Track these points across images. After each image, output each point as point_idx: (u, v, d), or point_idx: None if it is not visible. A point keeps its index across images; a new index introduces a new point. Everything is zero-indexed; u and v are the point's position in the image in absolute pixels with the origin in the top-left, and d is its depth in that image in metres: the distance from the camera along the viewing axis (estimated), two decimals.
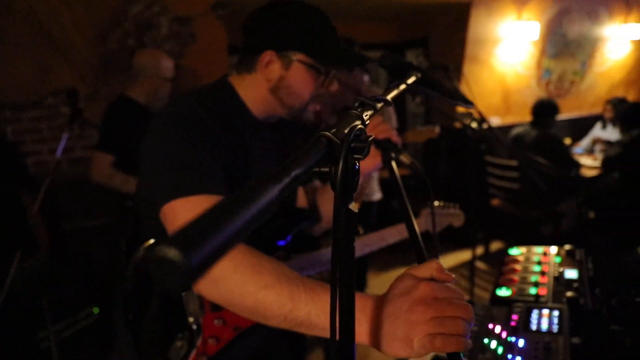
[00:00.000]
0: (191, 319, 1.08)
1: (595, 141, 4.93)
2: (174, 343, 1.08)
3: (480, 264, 4.13)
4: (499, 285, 1.43)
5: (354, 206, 0.48)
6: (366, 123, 0.51)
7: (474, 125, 2.32)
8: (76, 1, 2.88)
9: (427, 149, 4.92)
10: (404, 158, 1.00)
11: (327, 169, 0.46)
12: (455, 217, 1.70)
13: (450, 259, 4.26)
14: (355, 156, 0.45)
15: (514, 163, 3.93)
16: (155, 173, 0.98)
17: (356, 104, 0.59)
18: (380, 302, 0.69)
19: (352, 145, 0.44)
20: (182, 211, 0.91)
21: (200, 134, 1.00)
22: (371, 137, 0.47)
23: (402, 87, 0.86)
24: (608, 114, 4.92)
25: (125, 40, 3.04)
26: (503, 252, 1.67)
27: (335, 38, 1.12)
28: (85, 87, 2.96)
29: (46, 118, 2.96)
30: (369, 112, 0.57)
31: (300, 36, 1.08)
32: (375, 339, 0.67)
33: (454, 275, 0.66)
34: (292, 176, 0.36)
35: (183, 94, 1.11)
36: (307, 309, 0.74)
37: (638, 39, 5.78)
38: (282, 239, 1.24)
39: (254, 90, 1.15)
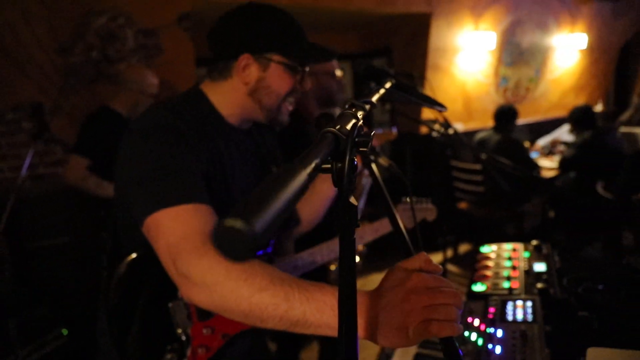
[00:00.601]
0: (179, 330, 1.08)
1: (554, 142, 5.16)
2: (163, 355, 1.07)
3: (450, 267, 4.24)
4: (474, 282, 1.49)
5: (353, 200, 0.51)
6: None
7: (440, 130, 2.40)
8: (35, 14, 2.82)
9: (394, 154, 5.03)
10: (383, 161, 1.04)
11: (328, 166, 0.49)
12: (428, 211, 1.76)
13: None
14: (360, 149, 0.48)
15: (478, 167, 4.07)
16: (134, 186, 0.96)
17: (347, 106, 0.63)
18: (374, 296, 0.71)
19: (356, 139, 0.48)
20: (166, 222, 0.90)
21: (177, 143, 1.00)
22: (373, 133, 0.51)
23: (382, 91, 0.91)
24: None
25: (88, 53, 2.99)
26: (472, 254, 1.74)
27: (303, 36, 1.16)
28: (47, 102, 2.88)
29: (6, 134, 2.86)
30: (361, 112, 0.61)
31: (274, 37, 1.11)
32: (372, 332, 0.70)
33: (441, 266, 0.70)
34: (314, 164, 0.39)
35: (156, 105, 1.11)
36: (302, 309, 0.76)
37: (584, 48, 6.13)
38: (266, 246, 1.25)
39: (231, 96, 1.16)
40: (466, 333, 1.18)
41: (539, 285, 1.35)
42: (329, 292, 0.77)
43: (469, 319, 1.24)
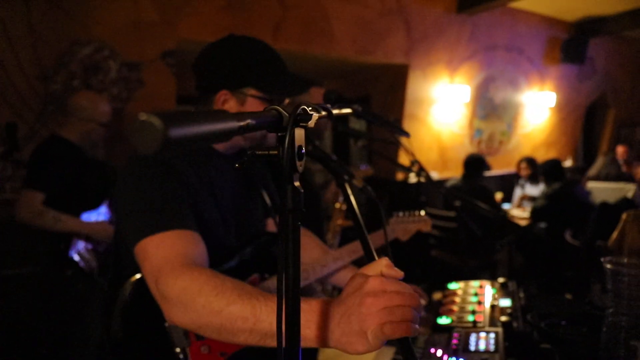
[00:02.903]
0: (177, 349, 1.07)
1: (523, 198, 5.30)
2: None
3: (423, 314, 4.19)
4: (439, 315, 1.48)
5: (298, 185, 0.52)
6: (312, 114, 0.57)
7: (417, 173, 2.45)
8: (21, 39, 2.85)
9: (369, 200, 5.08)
10: (357, 182, 1.06)
11: (275, 152, 0.51)
12: (422, 222, 1.78)
13: None
14: (301, 124, 0.51)
15: (451, 214, 4.13)
16: (126, 216, 1.04)
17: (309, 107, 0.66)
18: (335, 304, 0.71)
19: (298, 117, 0.51)
20: (151, 248, 0.96)
21: (162, 174, 1.06)
22: (325, 112, 0.54)
23: (345, 110, 0.94)
24: (524, 172, 5.31)
25: (70, 82, 3.01)
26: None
27: (282, 67, 1.18)
28: (23, 127, 2.86)
29: None
30: (315, 114, 0.64)
31: (250, 72, 1.14)
32: (332, 339, 0.69)
33: (402, 272, 0.71)
34: (247, 121, 0.41)
35: None
36: (269, 320, 0.77)
37: (553, 106, 6.45)
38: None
39: None
40: None
41: (503, 318, 1.35)
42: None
43: (432, 350, 1.23)
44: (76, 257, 2.23)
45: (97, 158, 2.59)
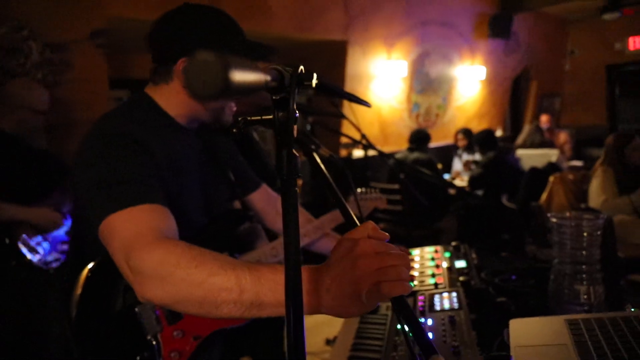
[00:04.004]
0: (149, 336, 1.03)
1: (466, 163, 5.55)
2: None
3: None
4: None
5: (294, 149, 0.52)
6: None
7: (360, 151, 2.49)
8: None
9: (315, 177, 5.12)
10: (323, 151, 1.07)
11: (270, 116, 0.50)
12: (378, 200, 1.83)
13: None
14: (305, 83, 0.50)
15: (396, 186, 4.26)
16: (89, 192, 0.98)
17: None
18: (323, 270, 0.71)
19: (301, 76, 0.50)
20: (120, 224, 0.91)
21: (129, 148, 1.02)
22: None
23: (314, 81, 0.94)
24: (461, 143, 5.58)
25: None
26: None
27: (240, 34, 1.16)
28: None
29: None
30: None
31: (208, 39, 1.11)
32: (324, 305, 0.70)
33: (387, 234, 0.72)
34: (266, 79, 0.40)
35: (106, 114, 1.13)
36: (255, 290, 0.75)
37: (483, 79, 6.77)
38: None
39: (176, 98, 1.17)
40: (398, 326, 1.21)
41: (461, 278, 1.43)
42: (280, 271, 0.76)
43: None
44: (23, 249, 2.10)
45: (38, 147, 2.44)
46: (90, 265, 1.07)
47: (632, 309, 1.02)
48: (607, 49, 8.35)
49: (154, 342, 1.04)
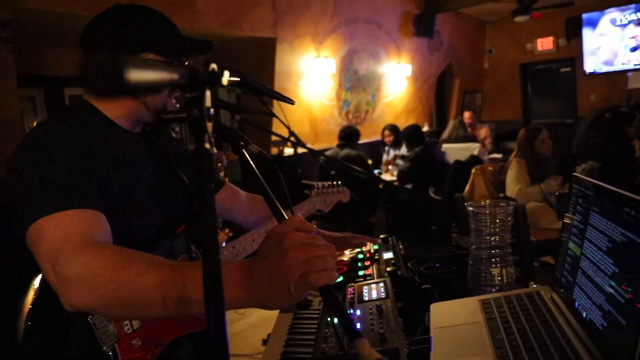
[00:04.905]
0: (105, 347, 0.97)
1: (395, 157, 5.72)
2: None
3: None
4: None
5: (209, 145, 0.52)
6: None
7: (290, 150, 2.50)
8: None
9: (246, 174, 5.08)
10: (252, 148, 1.06)
11: (184, 114, 0.49)
12: (342, 193, 1.84)
13: None
14: (216, 82, 0.50)
15: (330, 183, 4.31)
16: (18, 199, 0.92)
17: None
18: (251, 264, 0.72)
19: (212, 75, 0.49)
20: (48, 229, 0.86)
21: (65, 150, 0.97)
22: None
23: (234, 78, 0.93)
24: (388, 139, 5.75)
25: None
26: None
27: (176, 31, 1.16)
28: None
29: None
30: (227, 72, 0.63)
31: (145, 37, 1.10)
32: (254, 298, 0.71)
33: (314, 226, 0.74)
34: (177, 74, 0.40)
35: (43, 121, 1.08)
36: (182, 287, 0.75)
37: (409, 76, 7.04)
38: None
39: (116, 101, 1.13)
40: (328, 318, 1.23)
41: (389, 268, 1.48)
42: None
43: None
44: None
45: None
46: (40, 276, 1.02)
47: (534, 285, 1.11)
48: (520, 49, 9.00)
49: (111, 353, 0.98)
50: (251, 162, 0.93)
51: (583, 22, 7.97)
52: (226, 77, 0.53)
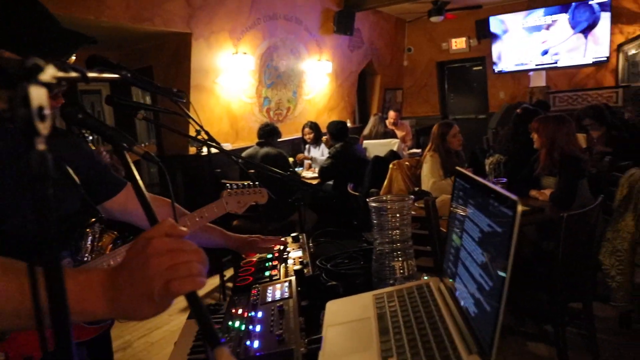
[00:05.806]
0: None
1: (303, 159, 5.74)
2: None
3: (231, 285, 4.28)
4: (238, 277, 1.53)
5: (43, 147, 0.46)
6: None
7: (204, 147, 2.41)
8: None
9: (162, 178, 4.87)
10: (137, 149, 1.00)
11: (8, 115, 0.44)
12: (258, 194, 1.77)
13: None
14: (33, 79, 0.44)
15: (247, 183, 4.24)
16: None
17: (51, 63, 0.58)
18: (114, 273, 0.68)
19: (26, 71, 0.44)
20: None
21: None
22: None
23: (109, 75, 0.86)
24: (308, 136, 5.76)
25: None
26: None
27: (47, 25, 1.08)
28: None
29: None
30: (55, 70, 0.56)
31: (5, 32, 1.01)
32: (117, 308, 0.67)
33: (186, 229, 0.70)
34: None
35: None
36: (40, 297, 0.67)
37: (330, 72, 7.11)
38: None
39: None
40: (230, 323, 1.19)
41: (295, 267, 1.46)
42: (68, 275, 0.69)
43: (233, 310, 1.26)
44: None
45: None
46: None
47: (425, 277, 1.14)
48: (436, 48, 9.44)
49: None
50: (131, 164, 0.88)
51: (489, 25, 8.53)
52: (49, 73, 0.47)
